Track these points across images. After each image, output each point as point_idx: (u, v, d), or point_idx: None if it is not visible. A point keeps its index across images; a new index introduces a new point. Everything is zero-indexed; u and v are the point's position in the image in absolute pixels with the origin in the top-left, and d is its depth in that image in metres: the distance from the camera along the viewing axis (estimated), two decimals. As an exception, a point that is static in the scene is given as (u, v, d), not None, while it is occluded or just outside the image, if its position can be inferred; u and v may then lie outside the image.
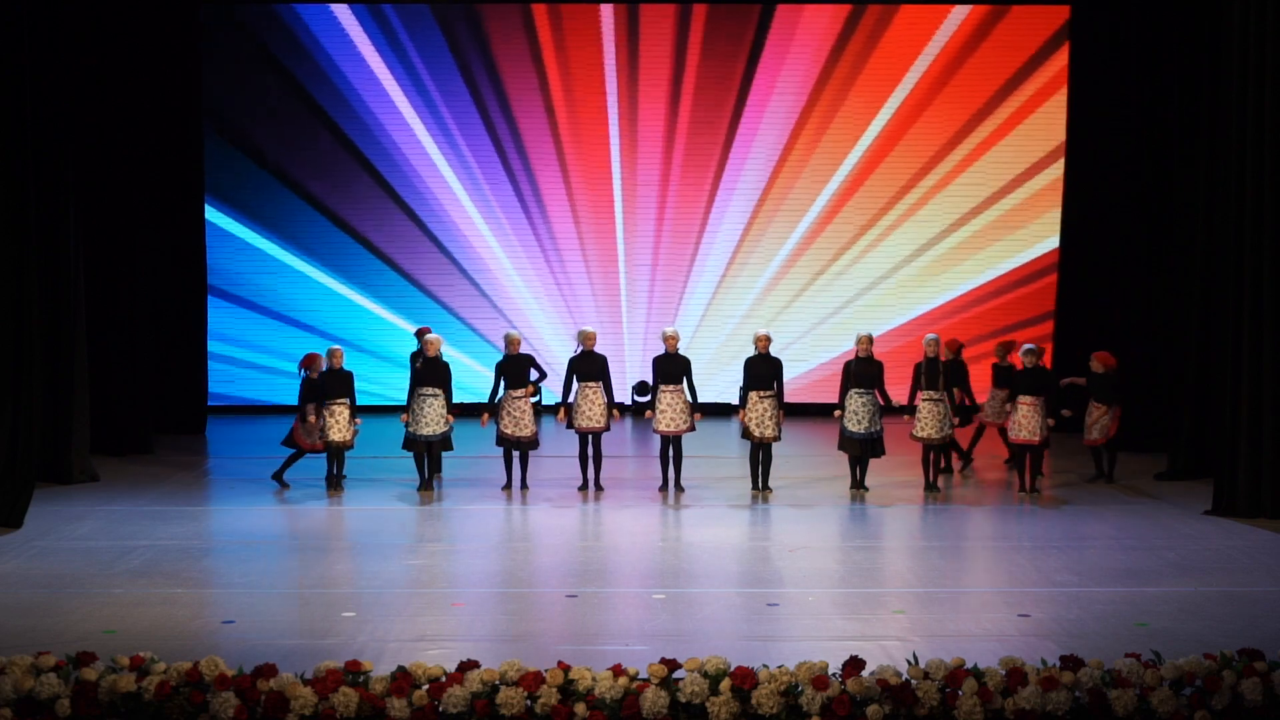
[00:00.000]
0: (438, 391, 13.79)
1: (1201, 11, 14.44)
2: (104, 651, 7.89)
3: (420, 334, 14.65)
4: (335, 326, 19.35)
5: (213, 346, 18.88)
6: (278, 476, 14.20)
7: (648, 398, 18.78)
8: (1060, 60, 18.96)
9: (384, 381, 18.82)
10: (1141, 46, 16.75)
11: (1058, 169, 19.09)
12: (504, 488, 14.11)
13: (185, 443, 17.04)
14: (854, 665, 7.55)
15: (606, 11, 19.20)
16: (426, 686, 7.49)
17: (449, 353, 15.47)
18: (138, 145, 16.60)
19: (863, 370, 13.87)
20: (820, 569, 11.11)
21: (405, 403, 14.10)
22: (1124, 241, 17.21)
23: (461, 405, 14.66)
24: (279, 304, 19.41)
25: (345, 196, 19.28)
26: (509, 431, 13.95)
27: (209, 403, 18.62)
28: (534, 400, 14.19)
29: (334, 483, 13.92)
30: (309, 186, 19.23)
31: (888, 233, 19.52)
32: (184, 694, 7.43)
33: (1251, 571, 10.93)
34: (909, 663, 7.67)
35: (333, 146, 19.15)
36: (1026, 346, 14.13)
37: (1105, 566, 11.02)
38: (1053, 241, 19.26)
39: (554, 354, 18.33)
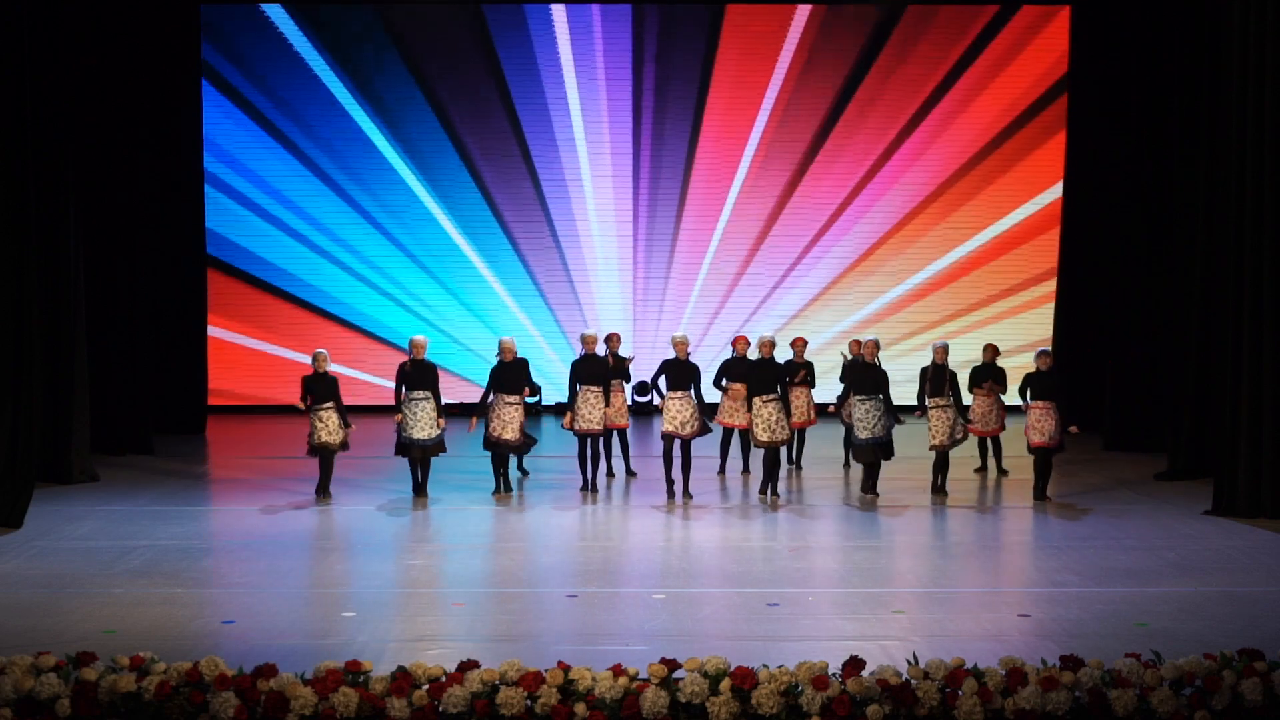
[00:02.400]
0: (427, 395, 13.69)
1: (1201, 11, 14.42)
2: (104, 651, 7.88)
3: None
4: (334, 327, 19.36)
5: (213, 346, 18.90)
6: (520, 468, 14.81)
7: (647, 398, 18.77)
8: (1060, 60, 18.96)
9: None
10: (1141, 46, 16.75)
11: (1057, 170, 19.10)
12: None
13: (185, 443, 17.04)
14: (854, 665, 7.55)
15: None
16: (426, 686, 7.49)
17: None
18: (138, 145, 16.60)
19: (864, 376, 13.81)
20: (820, 569, 11.11)
21: (397, 407, 13.95)
22: (1124, 241, 17.21)
23: (452, 407, 14.56)
24: (279, 304, 19.42)
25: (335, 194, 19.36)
26: (497, 434, 13.83)
27: (209, 402, 18.64)
28: (533, 401, 14.10)
29: (323, 489, 13.76)
30: (309, 185, 19.25)
31: (902, 247, 19.59)
32: (184, 694, 7.43)
33: (1251, 571, 10.93)
34: (909, 663, 7.67)
35: (339, 143, 19.22)
36: (1040, 350, 14.09)
37: (1105, 566, 11.01)
38: (1053, 241, 19.28)
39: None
